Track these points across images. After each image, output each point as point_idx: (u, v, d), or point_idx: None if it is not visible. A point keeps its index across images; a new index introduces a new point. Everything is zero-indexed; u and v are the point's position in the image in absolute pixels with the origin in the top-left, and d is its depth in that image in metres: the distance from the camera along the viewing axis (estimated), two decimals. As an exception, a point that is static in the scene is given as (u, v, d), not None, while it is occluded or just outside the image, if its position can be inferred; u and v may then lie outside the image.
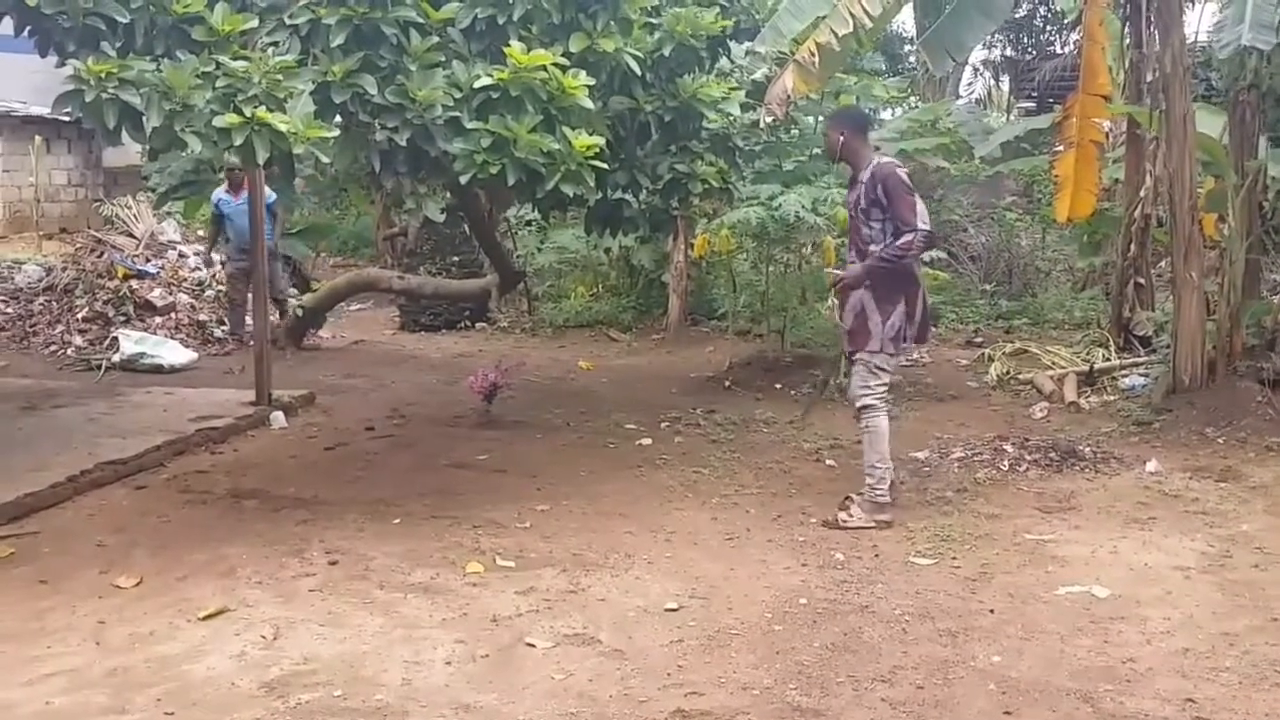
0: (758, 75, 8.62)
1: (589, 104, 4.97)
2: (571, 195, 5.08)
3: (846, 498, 5.64)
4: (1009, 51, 22.99)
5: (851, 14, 6.62)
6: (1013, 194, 14.24)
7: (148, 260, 11.48)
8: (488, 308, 11.92)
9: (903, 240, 5.28)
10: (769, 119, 6.94)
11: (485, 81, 4.78)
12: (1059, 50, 20.98)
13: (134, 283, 10.78)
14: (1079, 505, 5.76)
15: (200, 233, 13.84)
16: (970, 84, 22.99)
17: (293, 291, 12.71)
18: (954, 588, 4.71)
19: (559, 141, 4.84)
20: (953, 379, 8.88)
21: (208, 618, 4.35)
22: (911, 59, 20.09)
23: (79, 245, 12.58)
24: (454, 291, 11.30)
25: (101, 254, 11.63)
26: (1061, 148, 8.92)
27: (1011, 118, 19.36)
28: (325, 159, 4.37)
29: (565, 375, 9.43)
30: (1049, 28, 22.14)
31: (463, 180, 4.72)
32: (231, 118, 4.22)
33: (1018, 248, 11.39)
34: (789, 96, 6.80)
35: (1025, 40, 22.54)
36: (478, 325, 11.83)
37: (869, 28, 6.81)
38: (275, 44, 4.65)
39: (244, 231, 9.71)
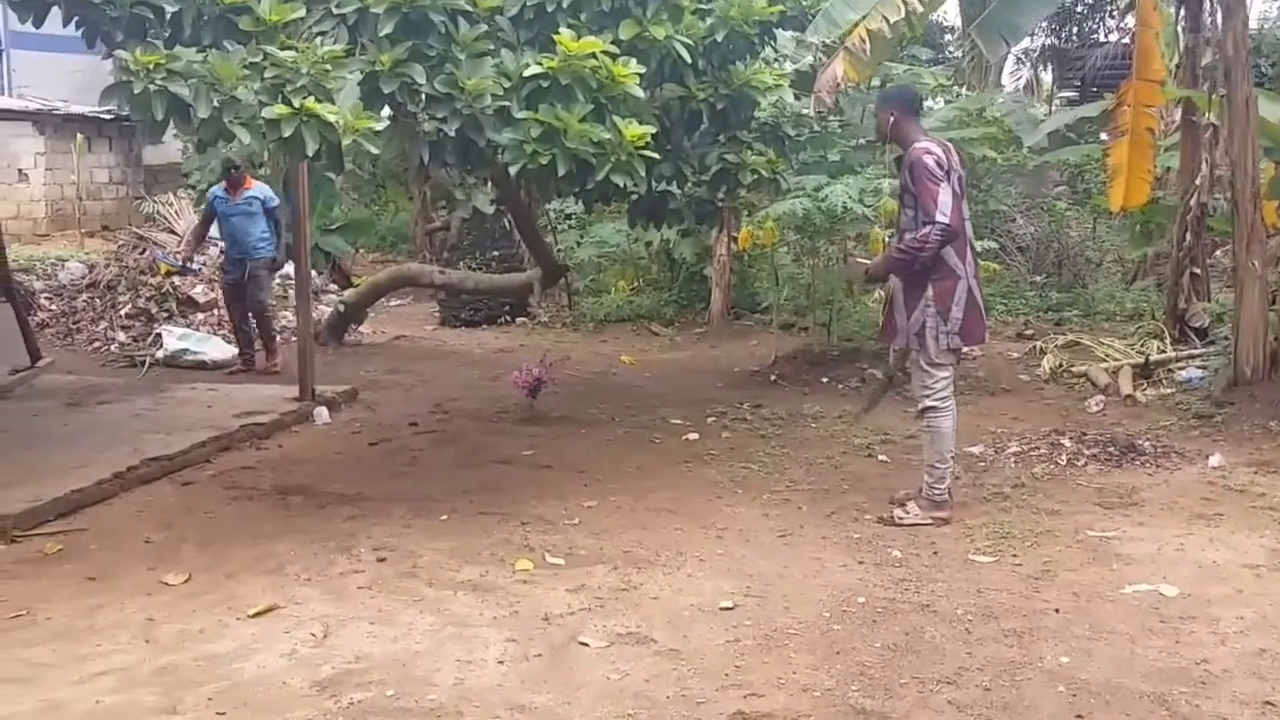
0: (802, 64, 8.50)
1: (639, 93, 4.87)
2: (622, 187, 4.97)
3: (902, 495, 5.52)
4: (1051, 41, 22.68)
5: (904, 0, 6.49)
6: (1056, 184, 14.01)
7: (189, 257, 11.48)
8: (528, 303, 11.86)
9: (920, 233, 5.08)
10: (819, 108, 6.80)
11: (535, 70, 4.69)
12: (1102, 39, 20.69)
13: (176, 279, 10.78)
14: (1141, 501, 5.61)
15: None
16: (1014, 73, 22.70)
17: (332, 287, 12.75)
18: (1017, 586, 4.58)
19: (609, 131, 4.75)
20: (1004, 372, 8.71)
21: (257, 615, 4.29)
22: (953, 49, 19.83)
23: (121, 242, 12.63)
24: (496, 286, 11.23)
25: (143, 251, 11.67)
26: (1107, 136, 8.73)
27: (1054, 108, 19.08)
28: (374, 150, 4.29)
29: (607, 370, 9.34)
30: (1094, 16, 21.81)
31: (512, 171, 4.64)
32: (280, 108, 4.16)
33: (1067, 238, 11.17)
34: (839, 84, 6.67)
35: (1068, 29, 22.22)
36: (518, 320, 11.76)
37: (920, 12, 6.68)
38: (323, 33, 4.59)
39: (238, 237, 9.10)
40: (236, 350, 9.48)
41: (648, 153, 4.90)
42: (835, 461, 6.41)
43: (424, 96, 4.64)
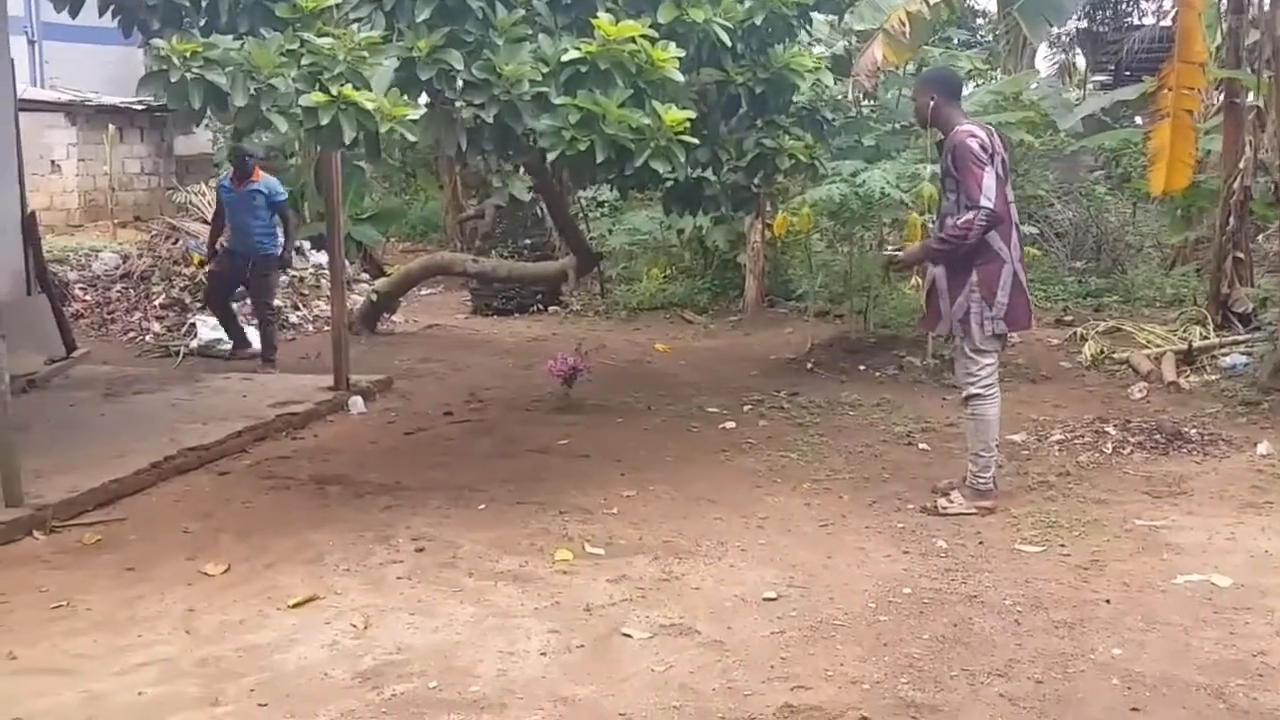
0: (837, 48, 8.39)
1: (679, 77, 4.80)
2: (661, 173, 4.91)
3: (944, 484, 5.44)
4: (1085, 24, 22.37)
5: (944, -19, 6.37)
6: (1090, 169, 13.82)
7: (214, 254, 11.48)
8: (560, 291, 11.80)
9: (963, 219, 4.98)
10: (858, 91, 6.70)
11: (573, 55, 4.63)
12: (1136, 22, 20.39)
13: (209, 268, 10.78)
14: (1190, 490, 5.51)
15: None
16: (1047, 57, 22.41)
17: (364, 276, 12.74)
18: (1065, 576, 4.50)
19: (649, 116, 4.68)
20: (1044, 359, 8.59)
21: (297, 606, 4.27)
22: (984, 33, 19.58)
23: (154, 232, 12.68)
24: (529, 274, 11.17)
25: (176, 241, 11.70)
26: (1141, 120, 8.57)
27: (1088, 92, 18.83)
28: (411, 138, 4.24)
29: (642, 358, 9.28)
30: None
31: (550, 158, 4.57)
32: (318, 96, 4.12)
33: (1106, 223, 11.00)
34: (878, 68, 6.57)
35: (1103, 12, 21.91)
36: (550, 309, 11.70)
37: (959, -5, 6.55)
38: (359, 20, 4.54)
39: (239, 229, 8.71)
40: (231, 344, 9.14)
41: (687, 138, 4.82)
42: (875, 450, 6.33)
43: (461, 83, 4.58)
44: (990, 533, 4.99)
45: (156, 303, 10.62)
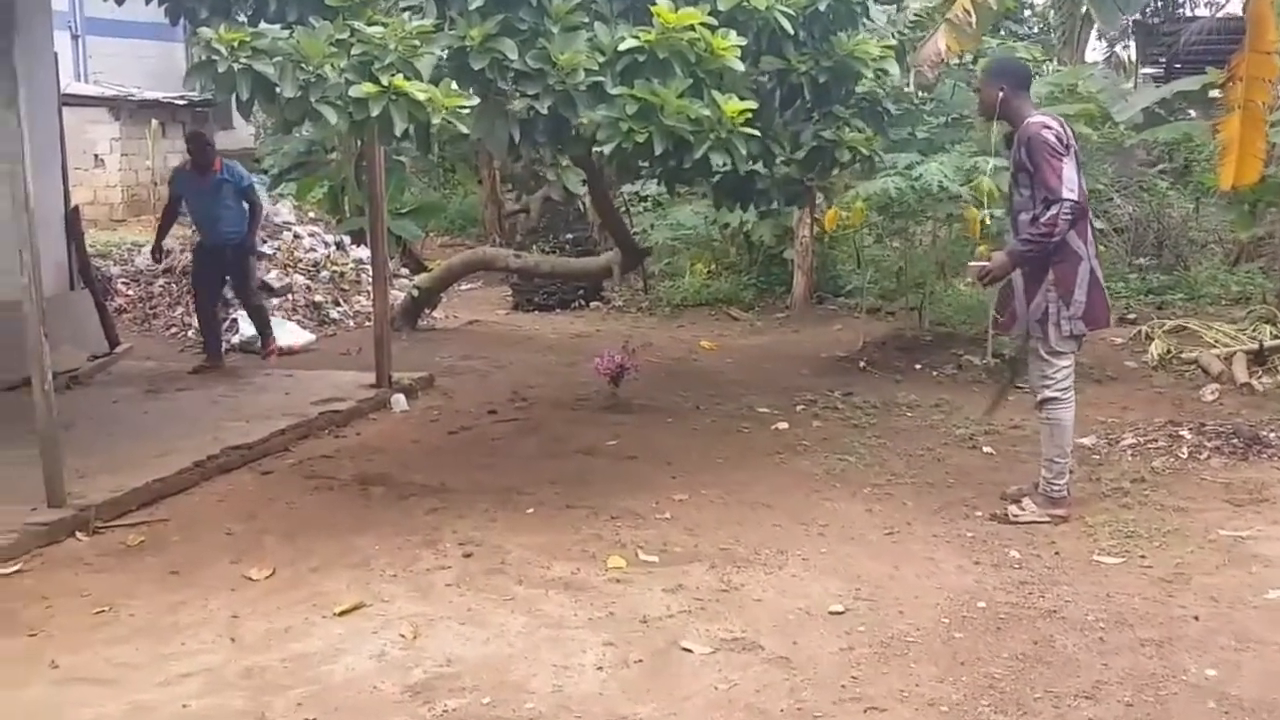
0: (887, 38, 8.12)
1: (740, 66, 4.60)
2: (717, 166, 4.71)
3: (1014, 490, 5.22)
4: (1136, 15, 21.90)
5: (1009, -33, 6.12)
6: (1142, 162, 13.47)
7: (263, 241, 11.37)
8: (601, 286, 11.62)
9: (1047, 215, 4.73)
10: (919, 81, 6.47)
11: (630, 44, 4.43)
12: (1188, 14, 19.92)
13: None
14: (1273, 497, 5.25)
15: (311, 214, 13.82)
16: (1095, 49, 21.97)
17: (404, 271, 12.61)
18: (1148, 590, 4.27)
19: (708, 107, 4.48)
20: (1109, 358, 8.29)
21: (344, 613, 4.12)
22: (1032, 24, 19.20)
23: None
24: (573, 270, 10.97)
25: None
26: (1195, 113, 8.22)
27: (1137, 84, 18.40)
28: (464, 130, 4.07)
29: (688, 355, 9.08)
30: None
31: (606, 151, 4.38)
32: (368, 87, 3.95)
33: (1168, 219, 10.68)
34: (941, 58, 6.33)
35: (1154, 4, 21.46)
36: (591, 304, 11.51)
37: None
38: (410, 8, 4.36)
39: (210, 220, 8.16)
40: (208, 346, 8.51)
41: (748, 129, 4.62)
42: (937, 453, 6.11)
43: (513, 73, 4.40)
44: (1066, 542, 4.76)
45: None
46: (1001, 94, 5.05)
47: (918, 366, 8.13)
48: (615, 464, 6.03)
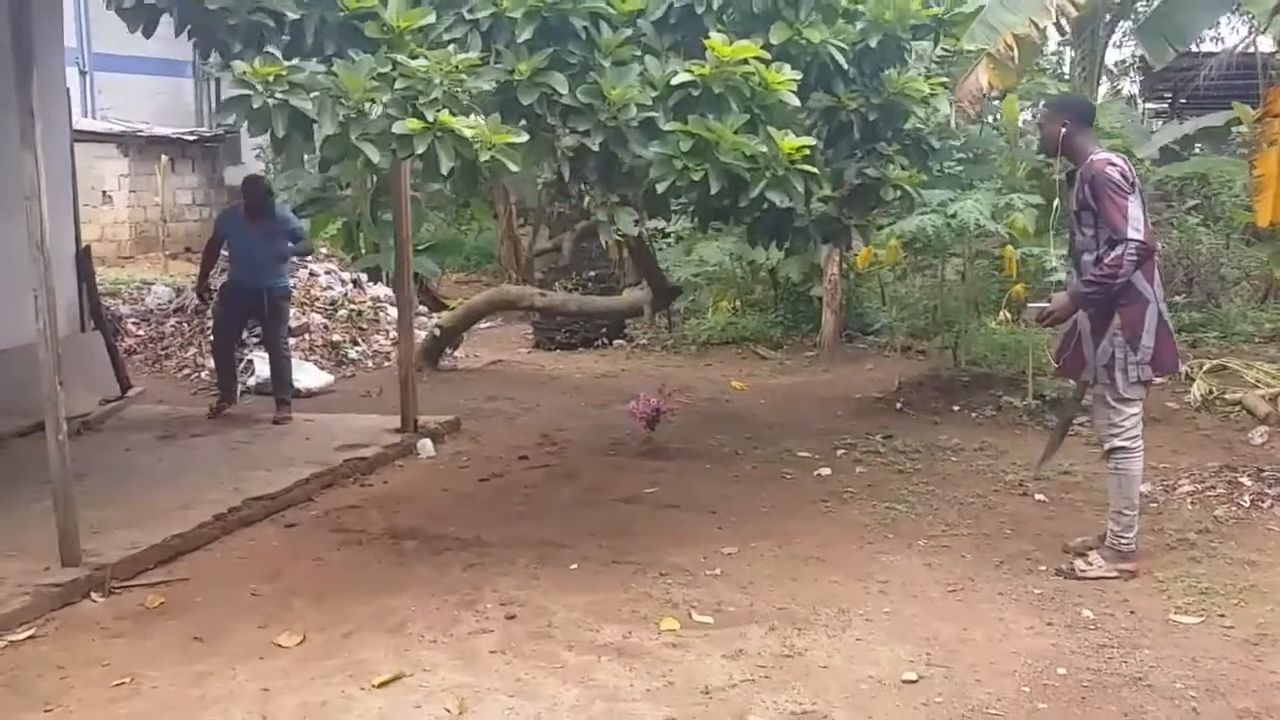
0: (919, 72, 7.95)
1: (795, 101, 4.39)
2: (771, 205, 4.49)
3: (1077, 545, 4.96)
4: (1143, 52, 21.75)
5: (1056, 3, 5.93)
6: (1156, 198, 13.29)
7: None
8: (624, 324, 11.39)
9: (1111, 256, 4.52)
10: (961, 118, 6.28)
11: (684, 78, 4.22)
12: (1196, 49, 19.77)
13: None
14: (1348, 550, 5.00)
15: (324, 250, 13.62)
16: (1117, 85, 21.79)
17: (422, 309, 12.40)
18: (1234, 654, 4.02)
19: (765, 143, 4.26)
20: (1150, 400, 7.99)
21: (383, 685, 3.85)
22: (1052, 58, 19.05)
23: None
24: (599, 308, 10.73)
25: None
26: (1202, 149, 8.02)
27: (1144, 119, 18.23)
28: (513, 167, 3.85)
29: (719, 396, 8.83)
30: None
31: (659, 189, 4.16)
32: (413, 123, 3.73)
33: (1197, 255, 10.47)
34: (984, 93, 6.13)
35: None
36: (615, 342, 11.28)
37: (1074, 16, 6.12)
38: (455, 40, 4.16)
39: (258, 264, 7.78)
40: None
41: (806, 166, 4.40)
42: (989, 501, 5.86)
43: (561, 108, 4.19)
44: (1139, 600, 4.51)
45: (211, 338, 10.29)
46: (1064, 130, 4.85)
47: (955, 408, 7.88)
48: (657, 513, 5.78)
